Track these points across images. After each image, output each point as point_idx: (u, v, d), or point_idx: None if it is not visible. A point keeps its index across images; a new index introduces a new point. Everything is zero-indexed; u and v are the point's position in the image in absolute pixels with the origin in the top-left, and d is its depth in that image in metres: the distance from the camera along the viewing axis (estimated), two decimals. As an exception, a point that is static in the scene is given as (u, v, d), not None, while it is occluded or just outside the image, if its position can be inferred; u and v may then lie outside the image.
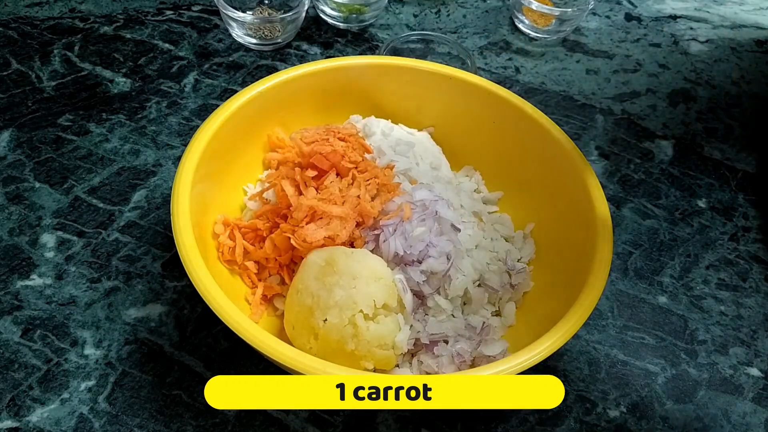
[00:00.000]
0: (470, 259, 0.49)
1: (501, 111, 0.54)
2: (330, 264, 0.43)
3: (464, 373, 0.38)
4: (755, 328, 0.54)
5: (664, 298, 0.55)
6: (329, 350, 0.41)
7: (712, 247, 0.60)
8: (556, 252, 0.51)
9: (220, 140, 0.48)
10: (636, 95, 0.74)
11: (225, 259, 0.48)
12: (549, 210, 0.52)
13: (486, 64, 0.75)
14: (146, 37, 0.73)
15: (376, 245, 0.47)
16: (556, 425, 0.47)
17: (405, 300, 0.45)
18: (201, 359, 0.48)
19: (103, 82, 0.67)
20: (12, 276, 0.51)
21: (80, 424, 0.44)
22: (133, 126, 0.63)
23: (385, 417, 0.46)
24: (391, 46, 0.70)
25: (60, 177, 0.58)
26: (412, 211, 0.48)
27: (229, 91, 0.67)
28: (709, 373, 0.51)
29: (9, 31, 0.71)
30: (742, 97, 0.75)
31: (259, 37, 0.71)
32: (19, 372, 0.46)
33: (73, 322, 0.49)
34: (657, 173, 0.65)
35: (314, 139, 0.51)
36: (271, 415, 0.45)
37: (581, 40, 0.80)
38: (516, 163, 0.55)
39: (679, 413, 0.49)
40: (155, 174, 0.59)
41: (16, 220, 0.54)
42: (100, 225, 0.55)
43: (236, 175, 0.53)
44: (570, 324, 0.40)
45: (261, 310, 0.47)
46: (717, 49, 0.81)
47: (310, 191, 0.48)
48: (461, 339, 0.45)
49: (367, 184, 0.49)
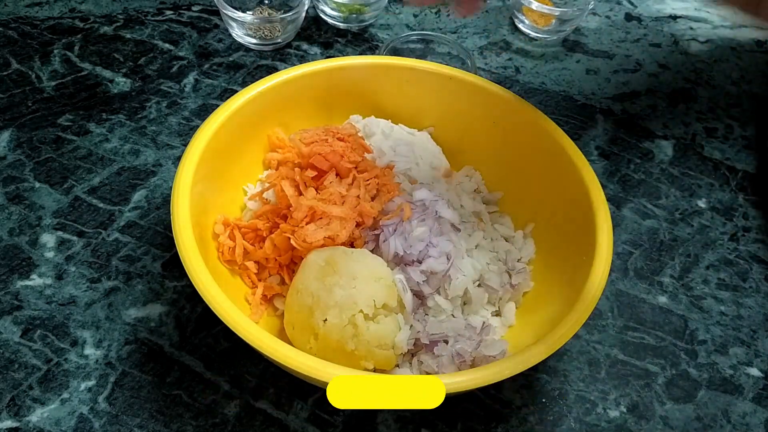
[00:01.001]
0: (470, 259, 0.49)
1: (501, 111, 0.54)
2: (330, 264, 0.43)
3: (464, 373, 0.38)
4: (755, 328, 0.54)
5: (664, 298, 0.55)
6: (329, 350, 0.41)
7: (712, 247, 0.60)
8: (556, 252, 0.51)
9: (220, 140, 0.49)
10: (636, 95, 0.74)
11: (225, 259, 0.48)
12: (549, 210, 0.52)
13: (486, 64, 0.75)
14: (146, 37, 0.73)
15: (376, 245, 0.47)
16: (556, 425, 0.47)
17: (405, 300, 0.45)
18: (201, 359, 0.48)
19: (103, 82, 0.67)
20: (12, 276, 0.51)
21: (80, 424, 0.44)
22: (133, 126, 0.63)
23: (385, 417, 0.46)
24: (391, 46, 0.70)
25: (60, 177, 0.58)
26: (412, 211, 0.48)
27: (229, 91, 0.67)
28: (709, 373, 0.51)
29: (9, 31, 0.71)
30: (742, 97, 0.75)
31: (259, 37, 0.71)
32: (19, 372, 0.46)
33: (73, 322, 0.49)
34: (657, 173, 0.65)
35: (313, 140, 0.51)
36: (271, 415, 0.45)
37: (581, 40, 0.80)
38: (516, 163, 0.55)
39: (679, 413, 0.49)
40: (155, 174, 0.59)
41: (16, 220, 0.54)
42: (100, 225, 0.55)
43: (236, 175, 0.53)
44: (570, 324, 0.40)
45: (261, 310, 0.47)
46: (717, 49, 0.81)
47: (309, 191, 0.48)
48: (461, 339, 0.45)
49: (366, 184, 0.49)
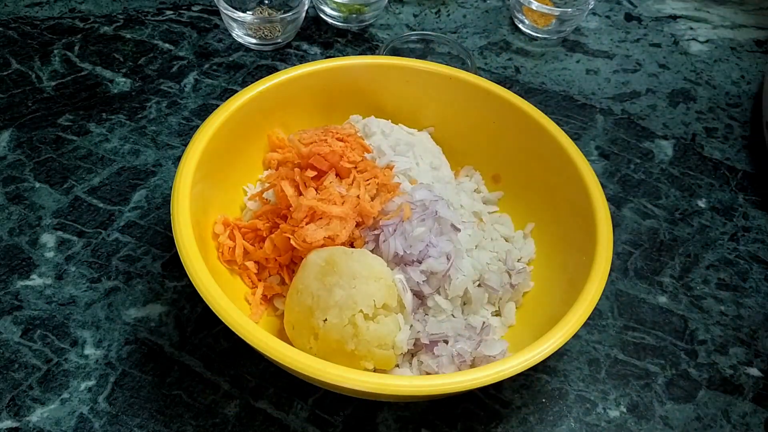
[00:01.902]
0: (470, 259, 0.49)
1: (501, 111, 0.54)
2: (330, 264, 0.43)
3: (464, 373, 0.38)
4: (755, 328, 0.54)
5: (664, 298, 0.55)
6: (329, 350, 0.41)
7: (712, 247, 0.60)
8: (556, 252, 0.51)
9: (220, 140, 0.49)
10: (636, 95, 0.74)
11: (225, 259, 0.48)
12: (549, 210, 0.52)
13: (486, 64, 0.75)
14: (146, 37, 0.73)
15: (376, 245, 0.47)
16: (556, 425, 0.47)
17: (405, 300, 0.45)
18: (201, 359, 0.48)
19: (103, 82, 0.67)
20: (12, 276, 0.51)
21: (80, 424, 0.44)
22: (133, 126, 0.63)
23: (385, 417, 0.46)
24: (391, 46, 0.70)
25: (60, 177, 0.58)
26: (412, 211, 0.48)
27: (229, 91, 0.67)
28: (709, 373, 0.51)
29: (9, 31, 0.71)
30: (742, 97, 0.75)
31: (259, 37, 0.71)
32: (19, 372, 0.46)
33: (73, 322, 0.49)
34: (657, 173, 0.65)
35: (312, 140, 0.51)
36: (271, 414, 0.45)
37: (581, 40, 0.80)
38: (516, 163, 0.55)
39: (679, 413, 0.49)
40: (155, 174, 0.59)
41: (16, 220, 0.54)
42: (100, 225, 0.55)
43: (236, 175, 0.53)
44: (570, 324, 0.40)
45: (261, 310, 0.47)
46: (717, 49, 0.81)
47: (309, 192, 0.48)
48: (461, 339, 0.45)
49: (366, 184, 0.49)
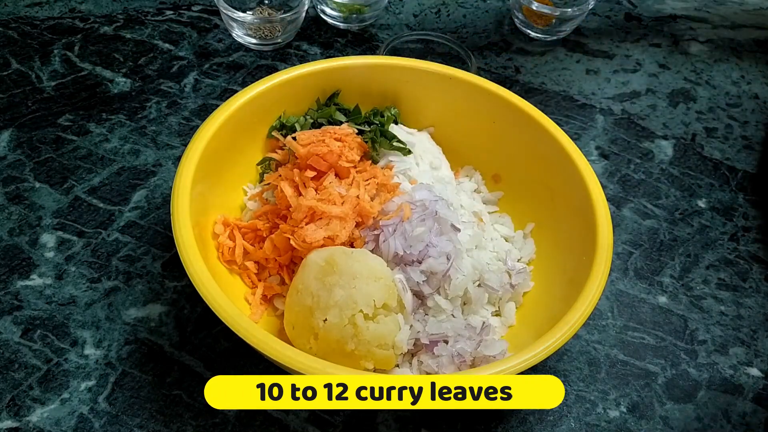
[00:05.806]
0: (470, 259, 0.49)
1: (501, 111, 0.54)
2: (330, 264, 0.43)
3: (465, 373, 0.38)
4: (755, 328, 0.54)
5: (664, 298, 0.55)
6: (329, 350, 0.41)
7: (712, 247, 0.60)
8: (556, 252, 0.51)
9: (220, 140, 0.49)
10: (636, 95, 0.74)
11: (225, 259, 0.48)
12: (549, 210, 0.52)
13: (486, 64, 0.75)
14: (146, 37, 0.73)
15: (375, 245, 0.47)
16: (556, 425, 0.47)
17: (405, 300, 0.45)
18: (201, 359, 0.48)
19: (103, 82, 0.67)
20: (12, 276, 0.51)
21: (80, 424, 0.44)
22: (133, 126, 0.63)
23: (385, 417, 0.46)
24: (391, 46, 0.70)
25: (60, 177, 0.58)
26: (411, 211, 0.48)
27: (229, 91, 0.67)
28: (709, 373, 0.51)
29: (9, 31, 0.71)
30: (742, 97, 0.75)
31: (259, 37, 0.71)
32: (19, 372, 0.46)
33: (73, 322, 0.49)
34: (657, 173, 0.65)
35: (310, 141, 0.51)
36: (271, 415, 0.45)
37: (581, 40, 0.80)
38: (516, 163, 0.55)
39: (679, 413, 0.49)
40: (155, 174, 0.59)
41: (16, 220, 0.54)
42: (100, 225, 0.55)
43: (236, 175, 0.53)
44: (570, 324, 0.40)
45: (261, 310, 0.47)
46: (717, 49, 0.81)
47: (309, 192, 0.48)
48: (461, 339, 0.45)
49: (366, 184, 0.49)
